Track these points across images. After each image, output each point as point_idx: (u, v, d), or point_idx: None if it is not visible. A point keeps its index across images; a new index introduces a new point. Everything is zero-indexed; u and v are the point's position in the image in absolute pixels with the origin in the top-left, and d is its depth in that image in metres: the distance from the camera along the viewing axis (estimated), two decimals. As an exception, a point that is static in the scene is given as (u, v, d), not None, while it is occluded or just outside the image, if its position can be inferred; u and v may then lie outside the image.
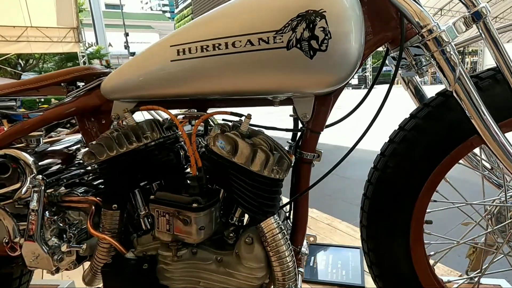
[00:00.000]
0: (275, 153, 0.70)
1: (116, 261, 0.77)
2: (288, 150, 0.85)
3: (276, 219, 0.72)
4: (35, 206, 0.78)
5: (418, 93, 0.93)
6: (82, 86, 0.90)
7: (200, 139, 0.88)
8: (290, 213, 0.86)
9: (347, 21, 0.63)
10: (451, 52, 0.65)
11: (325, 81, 0.68)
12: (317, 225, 2.10)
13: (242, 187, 0.70)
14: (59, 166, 0.92)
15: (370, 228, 0.83)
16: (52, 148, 0.93)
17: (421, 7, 0.66)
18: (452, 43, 0.65)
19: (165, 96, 0.78)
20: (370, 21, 0.73)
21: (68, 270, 0.87)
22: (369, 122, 0.73)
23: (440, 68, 0.66)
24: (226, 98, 0.84)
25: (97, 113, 0.90)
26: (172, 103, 0.85)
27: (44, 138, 0.97)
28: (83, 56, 9.73)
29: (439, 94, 0.77)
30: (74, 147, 0.97)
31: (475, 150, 0.96)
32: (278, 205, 0.75)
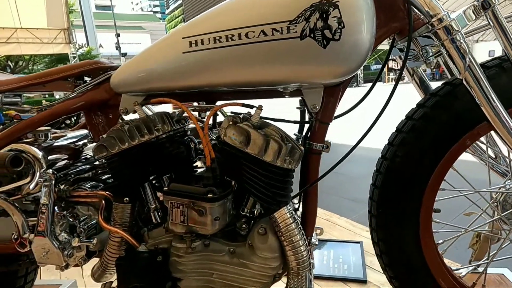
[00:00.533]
0: (287, 143, 0.70)
1: (130, 254, 0.77)
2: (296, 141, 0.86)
3: (289, 209, 0.73)
4: (45, 201, 0.77)
5: (422, 84, 0.95)
6: (89, 80, 0.89)
7: (209, 132, 0.88)
8: (300, 205, 0.87)
9: (360, 11, 0.64)
10: (461, 41, 0.66)
11: (337, 71, 0.68)
12: (316, 220, 2.12)
13: (255, 177, 0.71)
14: (66, 161, 0.91)
15: (379, 217, 0.84)
16: (59, 143, 0.92)
17: (430, -3, 0.67)
18: (462, 32, 0.66)
19: (177, 88, 0.78)
20: (378, 13, 0.73)
21: (78, 266, 0.87)
22: (368, 119, 0.74)
23: (450, 56, 0.67)
24: (235, 91, 0.84)
25: (104, 108, 0.90)
26: (181, 96, 0.85)
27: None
28: (74, 57, 9.60)
29: (446, 84, 0.78)
30: (80, 143, 0.96)
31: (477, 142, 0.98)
32: (290, 196, 0.75)
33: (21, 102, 0.97)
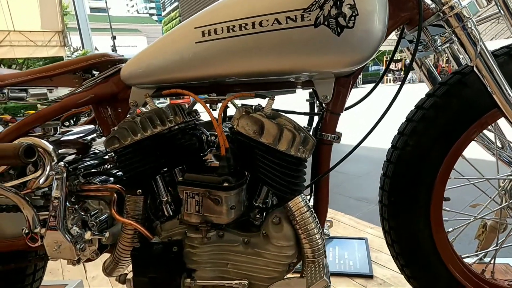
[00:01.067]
0: (300, 132, 0.71)
1: (146, 245, 0.77)
2: None
3: (304, 198, 0.73)
4: (57, 194, 0.76)
5: (430, 75, 0.96)
6: (98, 74, 0.89)
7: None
8: (311, 197, 0.87)
9: None
10: (472, 28, 0.67)
11: (350, 59, 0.69)
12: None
13: (269, 167, 0.71)
14: (74, 155, 0.91)
15: (390, 206, 0.85)
16: (67, 137, 0.92)
17: (442, -15, 0.67)
18: (473, 19, 0.67)
19: (189, 79, 0.78)
20: (388, 3, 0.74)
21: (89, 261, 0.86)
22: (368, 119, 0.75)
23: (461, 43, 0.68)
24: (246, 83, 0.84)
25: (113, 101, 0.89)
26: (191, 89, 0.85)
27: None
28: (69, 60, 9.50)
29: (455, 73, 0.79)
30: (89, 137, 0.96)
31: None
32: (304, 185, 0.75)
33: (27, 97, 0.96)
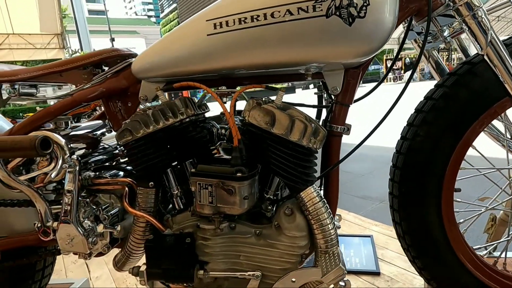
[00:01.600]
0: (311, 123, 0.71)
1: (159, 236, 0.77)
2: None
3: (316, 188, 0.73)
4: (70, 187, 0.77)
5: (438, 67, 0.96)
6: (108, 69, 0.89)
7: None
8: (321, 189, 0.87)
9: None
10: (482, 16, 0.67)
11: (360, 50, 0.69)
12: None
13: (281, 158, 0.71)
14: (84, 150, 0.91)
15: (401, 197, 0.85)
16: (77, 132, 0.92)
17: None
18: (483, 7, 0.67)
19: (200, 72, 0.78)
20: None
21: (101, 255, 0.86)
22: (367, 118, 0.75)
23: (471, 32, 0.68)
24: (256, 75, 0.85)
25: (123, 96, 0.90)
26: (201, 82, 0.85)
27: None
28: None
29: (464, 63, 0.79)
30: (98, 132, 0.96)
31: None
32: (315, 175, 0.76)
33: (37, 93, 0.97)
